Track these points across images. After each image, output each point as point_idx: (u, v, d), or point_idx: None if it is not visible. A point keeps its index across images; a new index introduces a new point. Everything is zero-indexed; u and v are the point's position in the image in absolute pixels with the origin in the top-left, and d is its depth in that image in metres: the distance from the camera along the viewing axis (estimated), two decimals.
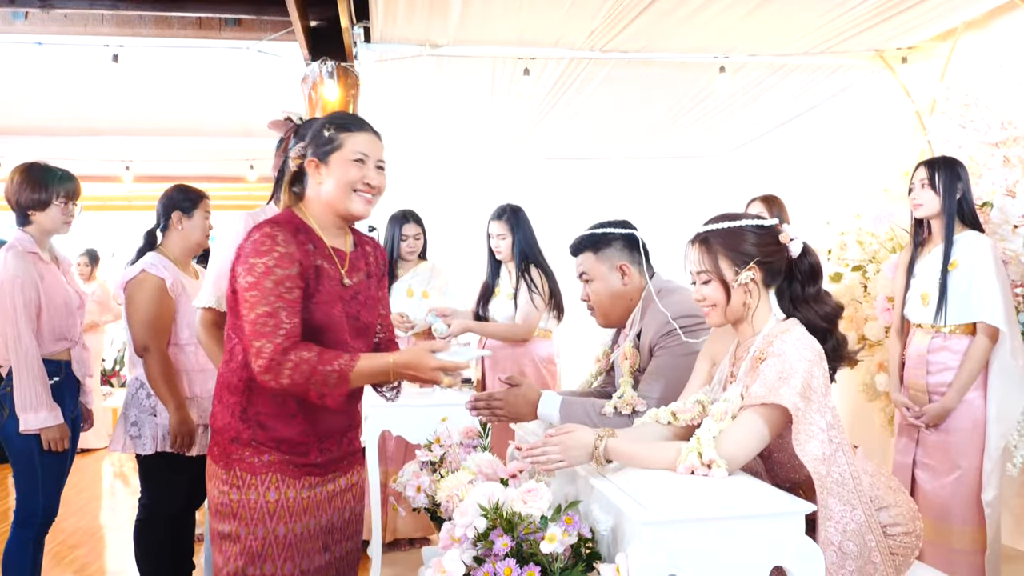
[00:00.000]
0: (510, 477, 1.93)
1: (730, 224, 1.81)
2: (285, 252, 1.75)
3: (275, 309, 1.72)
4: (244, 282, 1.74)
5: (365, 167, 1.85)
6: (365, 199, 1.87)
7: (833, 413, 1.70)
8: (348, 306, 1.88)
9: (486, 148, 5.93)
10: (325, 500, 1.89)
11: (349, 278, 1.90)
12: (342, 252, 1.92)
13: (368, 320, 1.94)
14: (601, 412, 2.14)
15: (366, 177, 1.85)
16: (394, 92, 4.49)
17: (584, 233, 2.33)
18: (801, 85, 4.50)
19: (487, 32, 3.73)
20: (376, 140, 1.90)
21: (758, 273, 1.79)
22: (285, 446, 1.83)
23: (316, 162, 1.86)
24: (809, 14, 3.52)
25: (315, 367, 1.70)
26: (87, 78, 4.64)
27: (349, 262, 1.92)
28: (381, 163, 1.89)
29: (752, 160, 5.75)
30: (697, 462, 1.61)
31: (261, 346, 1.70)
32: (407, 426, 3.19)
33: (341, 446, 1.94)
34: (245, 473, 1.81)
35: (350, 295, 1.89)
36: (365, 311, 1.93)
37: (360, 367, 1.74)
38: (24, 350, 2.65)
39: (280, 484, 1.82)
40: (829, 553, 1.64)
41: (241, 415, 1.83)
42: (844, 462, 1.70)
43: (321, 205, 1.88)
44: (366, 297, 1.94)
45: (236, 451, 1.82)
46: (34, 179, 2.76)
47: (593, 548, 1.59)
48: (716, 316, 1.83)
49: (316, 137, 1.88)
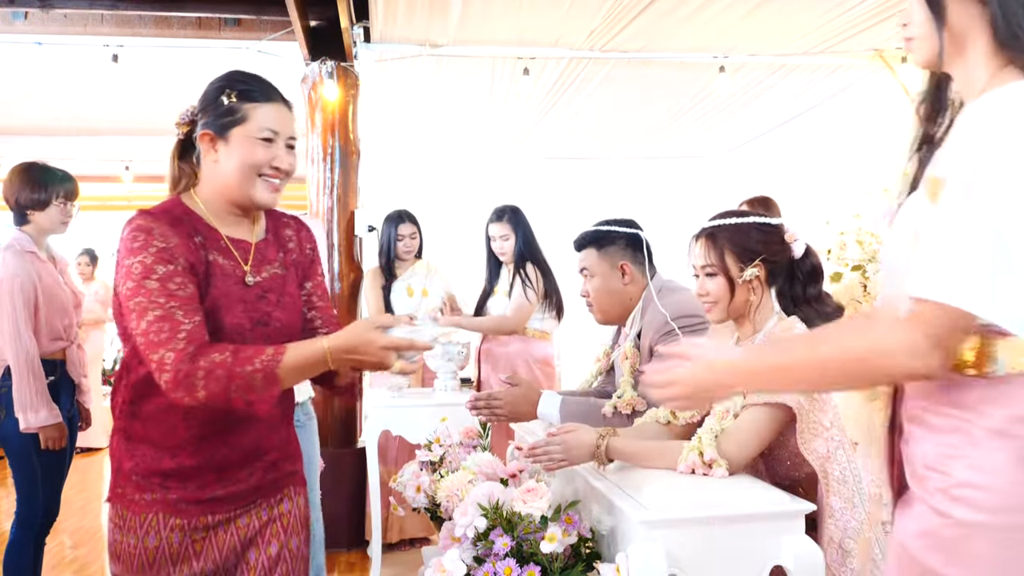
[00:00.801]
0: (510, 477, 1.93)
1: (737, 220, 1.82)
2: (164, 247, 1.44)
3: (168, 311, 1.40)
4: (125, 289, 1.43)
5: (273, 146, 1.52)
6: (272, 185, 1.53)
7: (834, 411, 1.70)
8: (251, 309, 1.54)
9: (486, 148, 5.93)
10: (234, 539, 1.54)
11: (254, 274, 1.56)
12: (244, 243, 1.58)
13: (284, 321, 1.59)
14: (601, 412, 2.14)
15: (275, 159, 1.52)
16: (394, 92, 4.50)
17: (589, 229, 2.34)
18: (801, 85, 4.50)
19: (487, 32, 3.73)
20: (287, 112, 1.56)
21: (762, 271, 1.79)
22: (173, 481, 1.49)
23: (211, 135, 1.51)
24: (809, 14, 3.52)
25: (232, 369, 1.37)
26: (87, 78, 4.64)
27: (255, 254, 1.59)
28: (292, 140, 1.56)
29: (752, 160, 5.75)
30: (698, 461, 1.61)
31: (161, 357, 1.38)
32: (407, 426, 3.19)
33: (257, 473, 1.57)
34: (126, 511, 1.50)
35: (255, 295, 1.55)
36: (279, 311, 1.58)
37: (288, 360, 1.41)
38: (24, 349, 2.65)
39: (162, 527, 1.49)
40: (830, 551, 1.64)
41: (125, 443, 1.52)
42: (845, 460, 1.70)
43: (216, 188, 1.54)
44: (280, 295, 1.59)
45: (119, 483, 1.52)
46: (34, 179, 2.77)
47: (593, 548, 1.59)
48: (717, 312, 1.83)
49: (213, 104, 1.52)
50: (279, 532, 1.59)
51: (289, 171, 1.55)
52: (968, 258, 0.96)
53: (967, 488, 1.03)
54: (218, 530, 1.52)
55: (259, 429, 1.56)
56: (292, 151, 1.56)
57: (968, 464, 1.04)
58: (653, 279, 2.27)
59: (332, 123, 3.97)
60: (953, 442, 1.06)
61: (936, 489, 1.07)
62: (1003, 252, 0.95)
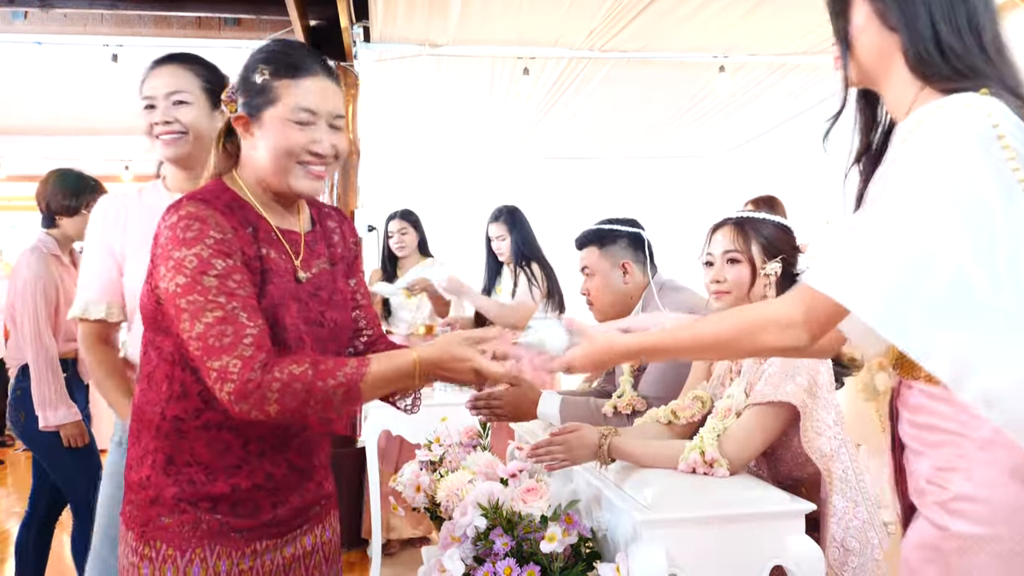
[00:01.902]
0: (510, 477, 1.93)
1: (766, 216, 1.85)
2: (221, 238, 1.28)
3: (230, 312, 1.24)
4: (174, 285, 1.25)
5: (312, 129, 1.33)
6: (312, 173, 1.35)
7: (837, 410, 1.71)
8: (306, 308, 1.39)
9: (485, 148, 5.93)
10: (280, 570, 1.39)
11: (305, 270, 1.41)
12: (294, 235, 1.42)
13: (337, 321, 1.44)
14: (601, 412, 2.14)
15: (314, 143, 1.33)
16: (394, 92, 4.50)
17: (591, 227, 2.34)
18: (800, 85, 4.50)
19: (487, 32, 3.73)
20: (330, 86, 1.36)
21: (780, 269, 1.81)
22: (224, 506, 1.33)
23: (245, 119, 1.35)
24: (809, 13, 3.51)
25: (312, 383, 1.22)
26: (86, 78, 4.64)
27: (305, 247, 1.43)
28: (338, 119, 1.37)
29: (751, 160, 5.75)
30: (699, 460, 1.61)
31: (225, 365, 1.22)
32: (407, 426, 3.19)
33: (308, 492, 1.43)
34: (164, 545, 1.31)
35: (308, 292, 1.40)
36: (331, 310, 1.44)
37: (373, 373, 1.26)
38: (44, 348, 2.73)
39: (209, 558, 1.32)
40: (832, 550, 1.64)
41: (165, 466, 1.33)
42: (847, 459, 1.70)
43: (256, 175, 1.38)
44: (331, 292, 1.45)
45: (156, 515, 1.32)
46: (68, 186, 2.86)
47: (593, 548, 1.59)
48: (730, 302, 1.82)
49: (245, 82, 1.35)
50: (321, 564, 1.46)
51: (336, 153, 1.37)
52: (866, 264, 1.02)
53: (963, 502, 1.05)
54: (264, 559, 1.37)
55: (312, 444, 1.43)
56: (337, 131, 1.37)
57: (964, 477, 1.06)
58: (654, 278, 2.27)
59: None
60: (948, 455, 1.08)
61: (934, 503, 1.08)
62: (912, 270, 0.99)
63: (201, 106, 1.82)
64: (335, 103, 1.36)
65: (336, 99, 1.37)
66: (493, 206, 3.83)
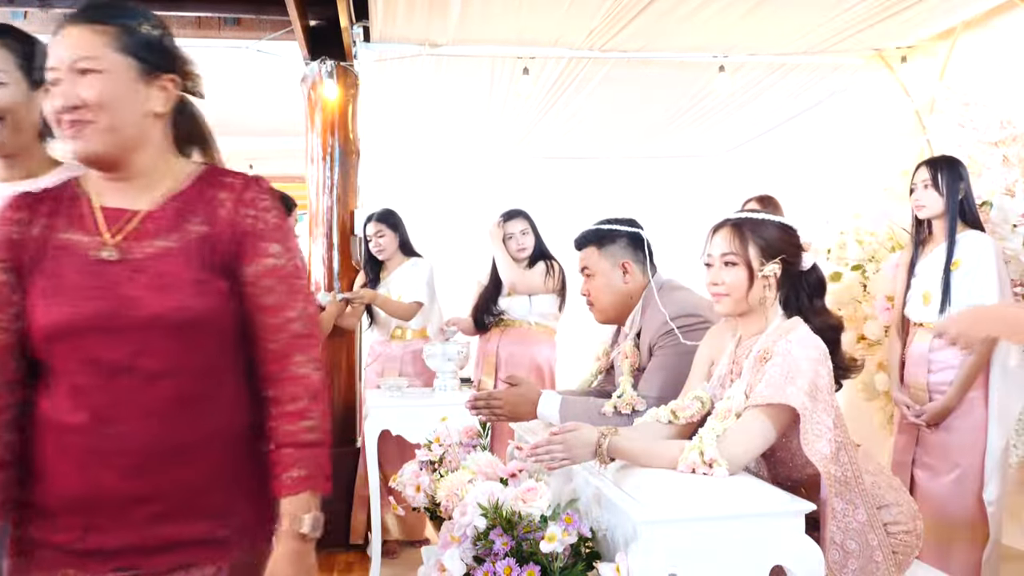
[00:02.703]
0: (510, 477, 1.92)
1: (763, 216, 1.83)
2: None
3: None
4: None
5: (58, 87, 1.19)
6: (69, 133, 1.20)
7: (837, 412, 1.70)
8: (103, 291, 1.19)
9: (485, 148, 5.93)
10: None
11: (124, 248, 1.21)
12: (121, 212, 1.25)
13: (154, 309, 1.19)
14: (601, 412, 2.14)
15: (56, 100, 1.19)
16: (394, 92, 4.49)
17: (590, 228, 2.34)
18: (800, 85, 4.50)
19: (486, 32, 3.73)
20: (72, 31, 1.20)
21: (779, 270, 1.80)
22: (31, 513, 1.17)
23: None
24: (808, 13, 3.52)
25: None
26: None
27: (142, 222, 1.24)
28: (82, 62, 1.19)
29: (751, 160, 5.75)
30: (698, 460, 1.60)
31: None
32: (407, 426, 3.19)
33: (144, 526, 1.18)
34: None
35: (118, 273, 1.20)
36: (152, 294, 1.20)
37: None
38: None
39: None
40: (832, 551, 1.64)
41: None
42: (847, 460, 1.70)
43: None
44: (159, 272, 1.21)
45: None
46: None
47: (593, 548, 1.59)
48: (728, 304, 1.82)
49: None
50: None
51: (81, 102, 1.18)
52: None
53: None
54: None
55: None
56: (81, 74, 1.19)
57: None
58: (654, 278, 2.27)
59: (332, 123, 3.97)
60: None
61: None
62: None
63: (16, 85, 1.55)
64: (75, 48, 1.19)
65: (79, 41, 1.20)
66: (493, 206, 3.87)
